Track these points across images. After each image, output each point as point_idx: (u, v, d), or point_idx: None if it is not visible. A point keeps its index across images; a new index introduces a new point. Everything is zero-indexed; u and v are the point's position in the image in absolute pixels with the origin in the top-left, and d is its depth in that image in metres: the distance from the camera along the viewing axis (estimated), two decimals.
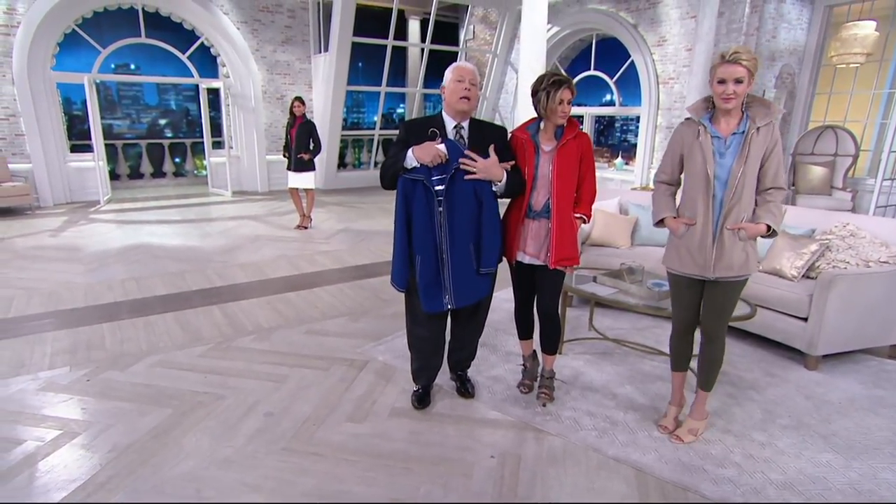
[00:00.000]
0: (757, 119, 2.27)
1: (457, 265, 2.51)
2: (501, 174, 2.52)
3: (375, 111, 16.48)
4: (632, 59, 9.97)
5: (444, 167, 2.43)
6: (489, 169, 2.48)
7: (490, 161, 2.49)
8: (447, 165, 2.43)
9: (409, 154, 2.44)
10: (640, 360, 3.45)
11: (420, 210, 2.47)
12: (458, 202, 2.46)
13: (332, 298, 4.46)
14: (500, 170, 2.52)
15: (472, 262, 2.55)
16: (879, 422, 2.78)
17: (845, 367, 3.37)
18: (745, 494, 2.19)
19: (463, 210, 2.48)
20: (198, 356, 3.34)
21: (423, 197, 2.45)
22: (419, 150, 2.43)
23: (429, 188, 2.44)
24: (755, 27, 8.12)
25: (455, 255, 2.50)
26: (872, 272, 3.25)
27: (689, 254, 2.42)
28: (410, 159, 2.44)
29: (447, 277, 2.52)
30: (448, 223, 2.47)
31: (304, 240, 6.54)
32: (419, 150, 2.43)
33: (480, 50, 12.80)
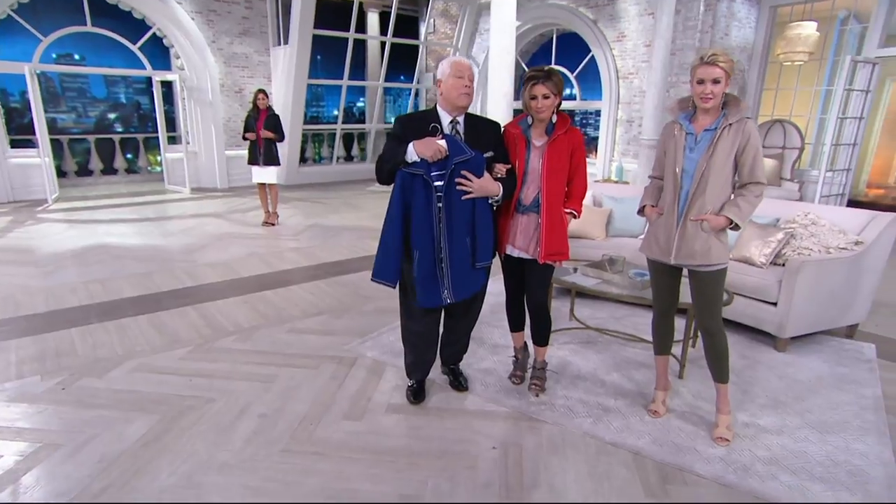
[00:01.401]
0: (730, 116, 2.37)
1: (455, 260, 2.52)
2: (497, 189, 2.54)
3: (335, 105, 16.21)
4: (592, 53, 10.18)
5: (444, 163, 2.43)
6: (485, 186, 2.50)
7: (486, 179, 2.50)
8: (446, 161, 2.43)
9: (409, 148, 2.43)
10: (622, 347, 3.56)
11: (419, 204, 2.46)
12: (456, 197, 2.47)
13: (311, 296, 4.39)
14: (496, 186, 2.54)
15: (469, 256, 2.56)
16: (845, 397, 2.97)
17: (810, 347, 3.59)
18: (739, 472, 2.30)
19: (462, 206, 2.48)
20: (179, 359, 3.23)
21: (423, 191, 2.45)
22: (420, 145, 2.42)
23: (428, 183, 2.43)
24: (709, 25, 8.44)
25: (453, 249, 2.51)
26: (833, 258, 3.46)
27: (657, 240, 2.55)
28: (411, 153, 2.42)
29: (445, 272, 2.53)
30: (446, 218, 2.48)
31: (272, 237, 6.40)
32: (420, 144, 2.42)
33: (441, 44, 12.79)
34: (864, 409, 2.86)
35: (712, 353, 2.53)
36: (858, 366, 3.36)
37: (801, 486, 2.23)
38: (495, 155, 2.62)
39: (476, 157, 2.49)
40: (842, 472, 2.33)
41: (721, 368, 2.53)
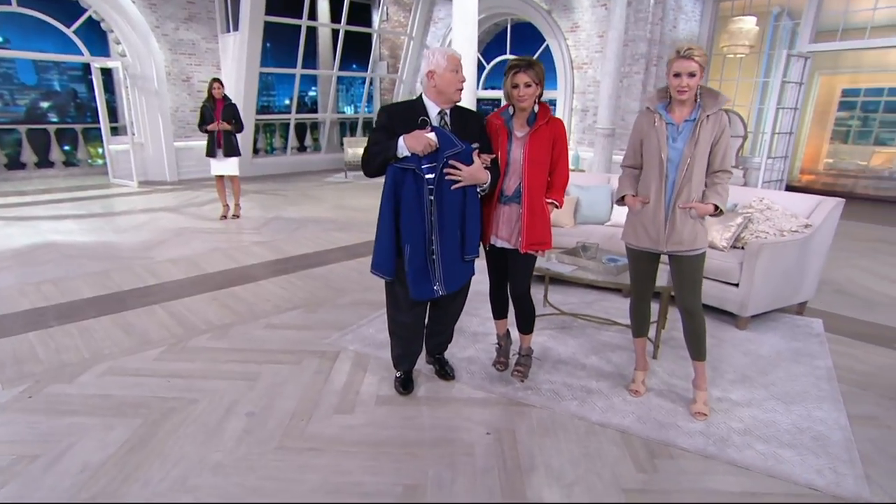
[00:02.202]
0: (707, 108, 2.49)
1: (445, 252, 2.54)
2: (486, 177, 2.56)
3: (286, 94, 15.77)
4: (546, 43, 10.33)
5: (434, 155, 2.43)
6: (475, 174, 2.50)
7: (475, 167, 2.50)
8: (437, 154, 2.43)
9: (399, 143, 2.41)
10: (597, 331, 3.68)
11: (410, 198, 2.45)
12: (447, 191, 2.47)
13: (283, 290, 4.31)
14: (485, 174, 2.55)
15: (459, 248, 2.58)
16: (802, 369, 3.20)
17: (767, 325, 3.83)
18: (718, 443, 2.45)
19: (452, 199, 2.49)
20: (153, 360, 3.11)
21: (414, 185, 2.44)
22: (410, 139, 2.40)
23: (419, 176, 2.43)
24: (659, 17, 8.73)
25: (444, 242, 2.52)
26: (787, 241, 3.69)
27: (645, 229, 2.64)
28: (402, 148, 2.41)
29: (437, 265, 2.54)
30: (438, 211, 2.48)
31: (234, 231, 6.21)
32: (410, 138, 2.40)
33: (394, 32, 12.66)
34: (819, 379, 3.09)
35: (692, 332, 2.67)
36: (810, 340, 3.62)
37: (773, 453, 2.40)
38: (480, 146, 2.65)
39: (467, 148, 2.50)
40: (807, 438, 2.52)
41: (699, 347, 2.67)
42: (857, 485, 2.22)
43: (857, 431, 2.59)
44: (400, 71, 12.65)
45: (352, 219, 7.06)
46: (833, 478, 2.25)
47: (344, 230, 6.41)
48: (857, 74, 12.12)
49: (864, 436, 2.57)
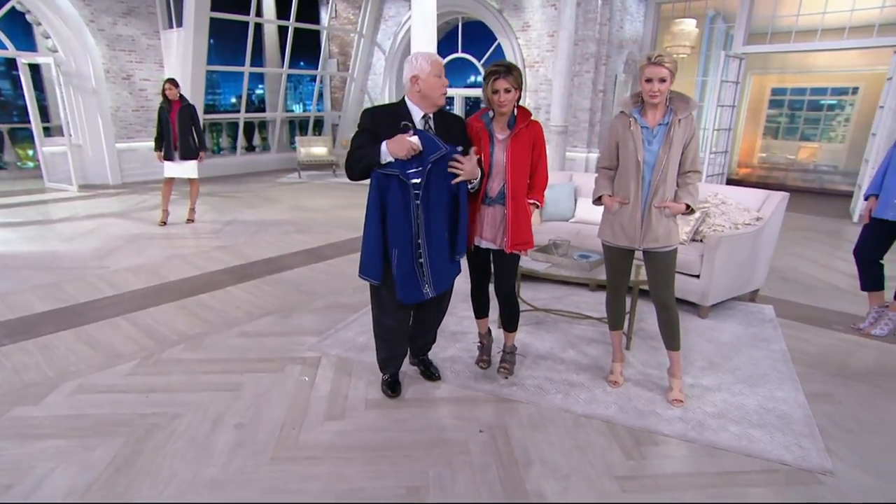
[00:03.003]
0: (678, 112, 2.63)
1: (434, 255, 2.56)
2: (479, 172, 2.61)
3: (232, 92, 15.27)
4: (498, 42, 10.48)
5: (420, 159, 2.44)
6: (473, 171, 2.55)
7: (472, 162, 2.55)
8: (422, 158, 2.44)
9: (382, 149, 2.40)
10: (570, 326, 3.81)
11: (396, 204, 2.46)
12: (434, 195, 2.49)
13: (252, 297, 4.21)
14: (478, 169, 2.60)
15: (447, 249, 2.62)
16: (761, 353, 3.44)
17: (725, 313, 4.07)
18: (696, 428, 2.61)
19: (439, 201, 2.51)
20: (126, 375, 2.98)
21: (399, 191, 2.45)
22: (393, 145, 2.40)
23: (405, 182, 2.44)
24: (607, 18, 9.02)
25: (431, 245, 2.54)
26: (742, 233, 3.94)
27: (622, 228, 2.77)
28: (385, 154, 2.41)
29: (426, 267, 2.56)
30: (425, 215, 2.50)
31: (191, 236, 5.98)
32: (393, 144, 2.40)
33: (344, 29, 12.50)
34: (777, 361, 3.33)
35: (667, 324, 2.82)
36: (764, 325, 3.88)
37: (746, 434, 2.57)
38: (464, 149, 2.69)
39: (451, 150, 2.52)
40: (773, 418, 2.72)
41: (674, 337, 2.83)
42: (819, 457, 2.42)
43: (814, 408, 2.82)
44: (351, 69, 12.50)
45: (311, 220, 6.95)
46: (799, 452, 2.45)
47: (304, 232, 6.30)
48: (783, 75, 12.97)
49: (821, 411, 2.80)
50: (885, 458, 2.45)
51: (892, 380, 3.17)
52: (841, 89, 12.57)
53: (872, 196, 3.70)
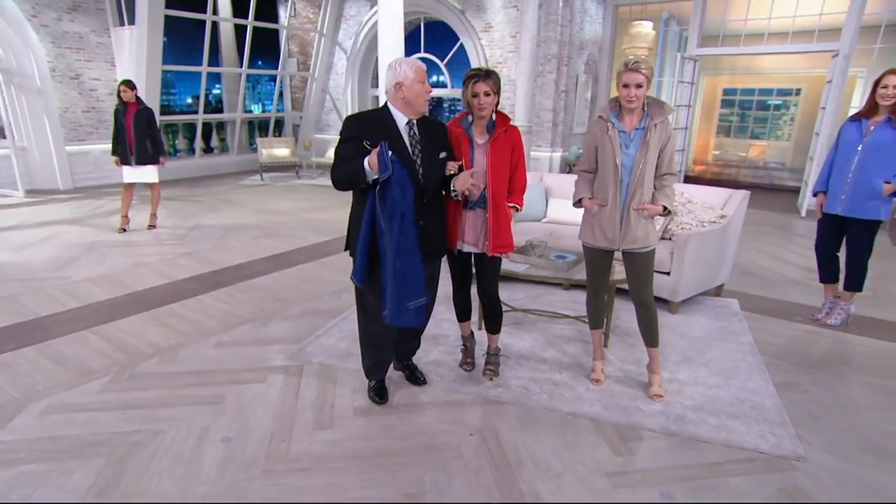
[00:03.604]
0: (655, 117, 2.72)
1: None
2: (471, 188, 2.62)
3: (187, 92, 14.77)
4: (461, 42, 10.52)
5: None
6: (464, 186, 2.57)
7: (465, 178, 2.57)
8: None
9: (366, 167, 2.37)
10: (548, 325, 3.88)
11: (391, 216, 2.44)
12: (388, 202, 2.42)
13: (226, 305, 4.10)
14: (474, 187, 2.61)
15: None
16: (731, 346, 3.59)
17: (694, 308, 4.23)
18: (677, 422, 2.71)
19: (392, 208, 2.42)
20: (100, 392, 2.86)
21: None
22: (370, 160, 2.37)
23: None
24: (568, 19, 9.19)
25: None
26: (709, 231, 4.10)
27: (601, 229, 2.85)
28: (370, 173, 2.38)
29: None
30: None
31: (154, 243, 5.77)
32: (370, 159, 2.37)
33: (304, 29, 12.29)
34: (745, 353, 3.49)
35: (647, 321, 2.91)
36: (731, 318, 4.06)
37: (724, 425, 2.69)
38: (447, 154, 2.70)
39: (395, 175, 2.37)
40: (747, 408, 2.85)
41: (653, 334, 2.92)
42: (792, 444, 2.55)
43: (783, 397, 2.97)
44: (311, 68, 12.30)
45: (278, 224, 6.82)
46: (774, 440, 2.58)
47: (272, 237, 6.18)
48: (734, 76, 13.54)
49: (789, 400, 2.95)
50: (848, 441, 2.61)
51: (849, 367, 3.37)
52: (785, 90, 13.23)
53: (821, 192, 3.92)
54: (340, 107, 12.35)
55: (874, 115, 3.61)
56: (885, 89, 3.49)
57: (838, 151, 3.80)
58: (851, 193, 3.69)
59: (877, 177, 3.60)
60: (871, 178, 3.60)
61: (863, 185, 3.64)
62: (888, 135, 3.53)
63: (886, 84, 3.48)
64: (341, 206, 8.03)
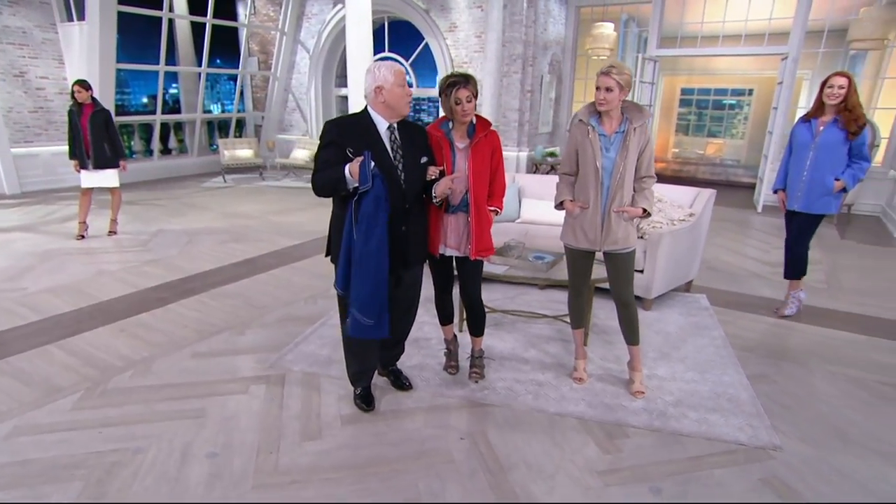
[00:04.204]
0: (634, 121, 2.78)
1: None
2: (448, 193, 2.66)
3: (142, 92, 14.20)
4: (426, 41, 10.50)
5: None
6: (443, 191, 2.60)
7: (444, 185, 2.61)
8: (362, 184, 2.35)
9: (346, 175, 2.34)
10: (527, 325, 3.92)
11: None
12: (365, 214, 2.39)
13: (198, 314, 3.97)
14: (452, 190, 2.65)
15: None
16: (704, 341, 3.72)
17: (666, 304, 4.36)
18: (660, 417, 2.78)
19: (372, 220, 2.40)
20: (71, 410, 2.73)
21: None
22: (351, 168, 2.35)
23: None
24: (532, 20, 9.30)
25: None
26: (679, 229, 4.23)
27: (583, 231, 2.90)
28: (350, 182, 2.36)
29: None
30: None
31: (115, 250, 5.54)
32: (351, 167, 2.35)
33: (264, 27, 12.02)
34: (718, 347, 3.62)
35: (627, 320, 2.98)
36: (702, 313, 4.19)
37: (704, 419, 2.78)
38: (429, 159, 2.69)
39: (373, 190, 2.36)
40: (724, 401, 2.95)
41: (634, 332, 2.99)
42: (768, 434, 2.66)
43: (756, 389, 3.09)
44: (273, 68, 12.04)
45: (245, 227, 6.66)
46: (751, 432, 2.68)
47: (241, 241, 6.02)
48: (691, 76, 13.99)
49: (762, 392, 3.07)
50: (819, 430, 2.73)
51: (812, 357, 3.53)
52: (739, 90, 13.77)
53: (780, 190, 4.11)
54: (304, 107, 12.15)
55: (822, 115, 3.82)
56: (830, 89, 3.70)
57: (793, 152, 3.99)
58: (807, 191, 3.90)
59: (829, 174, 3.81)
60: (824, 175, 3.81)
61: (817, 183, 3.84)
62: (836, 135, 3.74)
63: (832, 84, 3.70)
64: (309, 209, 7.91)
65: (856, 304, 4.50)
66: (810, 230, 4.03)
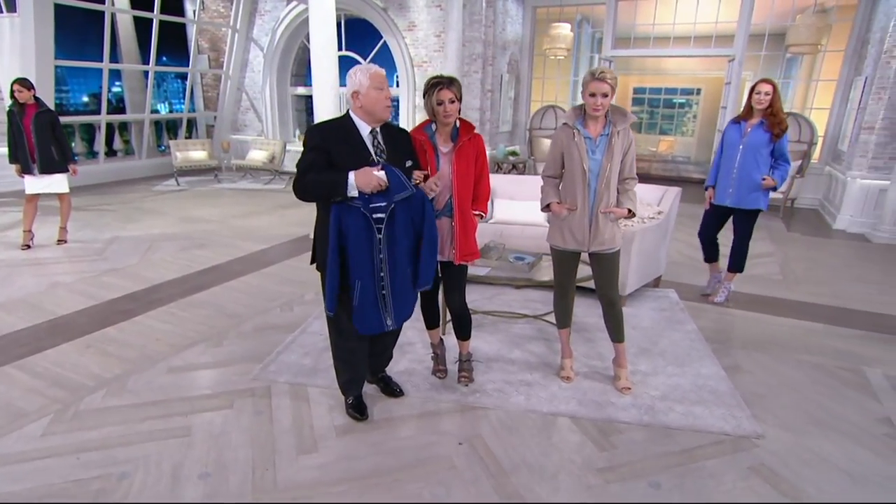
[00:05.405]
0: (617, 124, 2.85)
1: (396, 288, 2.50)
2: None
3: (82, 90, 13.39)
4: (384, 40, 10.40)
5: (384, 196, 2.36)
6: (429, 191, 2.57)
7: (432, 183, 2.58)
8: (388, 194, 2.36)
9: (350, 181, 2.30)
10: (509, 325, 3.95)
11: (359, 238, 2.37)
12: (399, 230, 2.43)
13: (169, 326, 3.80)
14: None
15: (411, 282, 2.56)
16: (678, 335, 3.85)
17: (638, 300, 4.48)
18: (648, 412, 2.86)
19: (404, 235, 2.46)
20: (42, 437, 2.55)
21: (362, 223, 2.36)
22: (361, 178, 2.31)
23: (367, 216, 2.36)
24: (491, 20, 9.36)
25: (395, 279, 2.48)
26: (650, 226, 4.36)
27: (571, 233, 2.94)
28: (352, 187, 2.31)
29: (388, 301, 2.51)
30: (388, 250, 2.44)
31: (68, 259, 5.21)
32: (361, 177, 2.31)
33: (215, 23, 11.61)
34: (693, 340, 3.75)
35: (613, 318, 3.04)
36: (673, 308, 4.34)
37: (690, 412, 2.88)
38: (413, 163, 2.66)
39: (418, 193, 2.46)
40: (706, 393, 3.07)
41: (619, 330, 3.06)
42: (750, 423, 2.79)
43: (733, 380, 3.22)
44: (225, 66, 11.64)
45: (207, 233, 6.41)
46: (734, 422, 2.80)
47: (204, 247, 5.80)
48: (643, 76, 14.45)
49: (738, 382, 3.21)
50: (794, 416, 2.88)
51: (778, 346, 3.71)
52: (688, 90, 14.34)
53: (710, 187, 4.40)
54: (259, 106, 11.81)
55: (751, 118, 4.12)
56: (758, 95, 4.01)
57: (723, 151, 4.28)
58: (737, 187, 4.19)
59: (756, 172, 4.11)
60: (752, 173, 4.12)
61: (745, 180, 4.15)
62: (761, 136, 4.06)
63: (759, 91, 4.01)
64: (271, 212, 7.71)
65: (810, 293, 4.77)
66: (749, 227, 4.32)
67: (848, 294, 4.77)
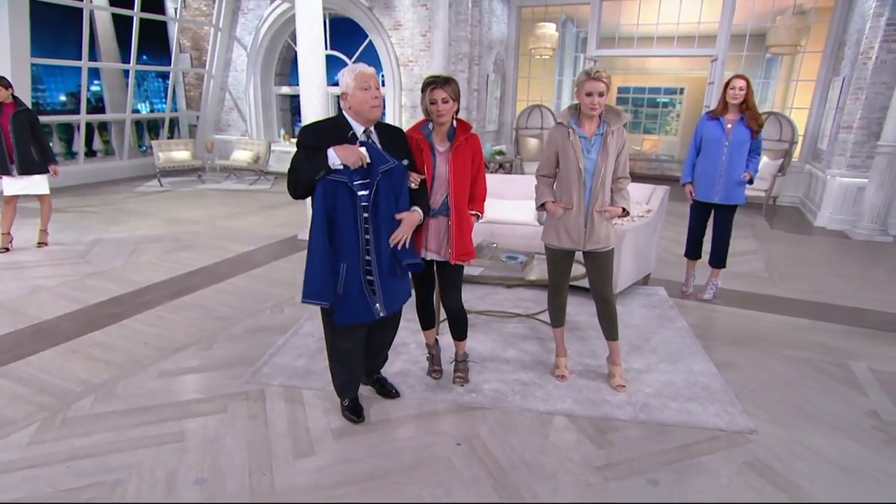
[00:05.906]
0: (612, 123, 2.86)
1: (384, 271, 2.50)
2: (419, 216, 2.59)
3: (59, 89, 13.09)
4: (370, 39, 10.35)
5: (367, 172, 2.39)
6: (412, 224, 2.54)
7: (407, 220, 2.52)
8: (370, 171, 2.39)
9: (329, 154, 2.32)
10: (501, 325, 3.96)
11: (344, 215, 2.38)
12: (383, 207, 2.44)
13: (157, 329, 3.73)
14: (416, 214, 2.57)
15: (395, 265, 2.56)
16: (669, 332, 3.89)
17: (629, 298, 4.52)
18: (644, 409, 2.88)
19: (387, 214, 2.47)
20: (29, 445, 2.48)
21: (348, 200, 2.37)
22: (342, 151, 2.34)
23: (353, 192, 2.36)
24: (477, 19, 9.37)
25: (381, 260, 2.48)
26: (640, 225, 4.39)
27: (567, 232, 2.96)
28: (333, 158, 2.32)
29: (376, 284, 2.50)
30: (374, 228, 2.44)
31: (49, 263, 5.09)
32: (342, 150, 2.34)
33: (196, 22, 11.45)
34: (684, 337, 3.79)
35: (607, 317, 3.06)
36: (663, 305, 4.39)
37: (684, 408, 2.91)
38: (409, 163, 2.65)
39: (398, 165, 2.49)
40: (699, 390, 3.10)
41: (614, 329, 3.08)
42: (743, 419, 2.82)
43: (724, 376, 3.26)
44: (207, 65, 11.47)
45: (193, 234, 6.31)
46: (728, 418, 2.83)
47: (190, 249, 5.71)
48: (627, 75, 14.59)
49: (730, 378, 3.25)
50: (785, 411, 2.93)
51: (766, 342, 3.77)
52: (671, 89, 14.51)
53: (689, 183, 4.46)
54: (242, 106, 11.67)
55: (727, 114, 4.20)
56: (733, 90, 4.10)
57: (706, 148, 4.33)
58: (725, 184, 4.26)
59: (739, 168, 4.22)
60: (738, 170, 4.22)
61: (732, 177, 4.23)
62: (744, 133, 4.16)
63: (734, 86, 4.10)
64: (258, 213, 7.62)
65: (794, 290, 4.85)
66: (730, 222, 4.43)
67: (830, 290, 4.87)
